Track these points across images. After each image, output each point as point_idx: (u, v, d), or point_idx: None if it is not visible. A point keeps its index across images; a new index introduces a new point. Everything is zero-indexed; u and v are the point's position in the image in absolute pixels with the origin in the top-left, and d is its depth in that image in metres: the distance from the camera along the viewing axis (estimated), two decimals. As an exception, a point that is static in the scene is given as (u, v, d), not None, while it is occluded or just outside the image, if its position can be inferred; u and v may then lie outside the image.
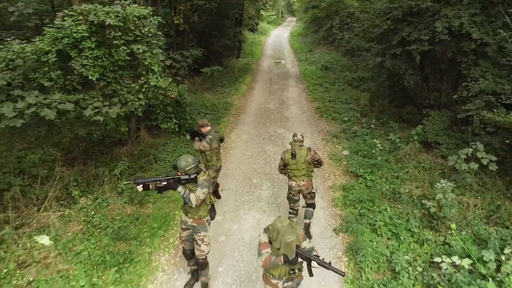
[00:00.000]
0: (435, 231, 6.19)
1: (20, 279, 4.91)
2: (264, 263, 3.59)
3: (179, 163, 4.40)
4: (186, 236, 4.90)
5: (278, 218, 3.59)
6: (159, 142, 9.42)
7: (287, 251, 3.47)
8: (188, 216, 4.71)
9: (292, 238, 3.43)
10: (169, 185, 4.38)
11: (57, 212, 6.26)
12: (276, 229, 3.48)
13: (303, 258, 3.57)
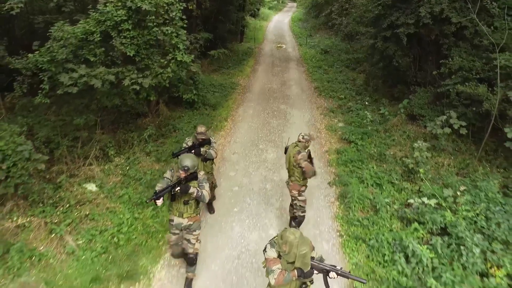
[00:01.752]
0: (412, 183, 7.49)
1: (79, 212, 6.21)
2: (277, 280, 3.30)
3: (189, 163, 4.37)
4: (175, 240, 4.82)
5: (286, 230, 3.38)
6: (176, 115, 10.66)
7: (302, 264, 3.27)
8: (183, 217, 4.62)
9: (306, 249, 3.25)
10: (182, 189, 4.35)
11: (99, 167, 7.54)
12: (288, 242, 3.25)
13: (319, 270, 3.41)
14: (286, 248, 3.28)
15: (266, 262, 3.45)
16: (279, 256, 3.39)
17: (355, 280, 3.43)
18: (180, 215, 4.61)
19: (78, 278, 5.02)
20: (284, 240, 3.29)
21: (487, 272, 4.92)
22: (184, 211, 4.59)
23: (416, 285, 4.84)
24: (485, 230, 5.47)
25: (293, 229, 3.37)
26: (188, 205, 4.58)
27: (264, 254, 3.49)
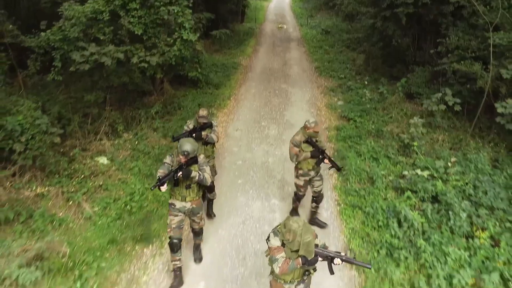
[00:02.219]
0: (407, 157, 7.86)
1: (93, 183, 6.61)
2: (282, 269, 3.33)
3: (189, 148, 4.34)
4: (177, 223, 4.72)
5: (289, 218, 3.40)
6: (180, 94, 10.97)
7: (307, 252, 3.31)
8: (186, 201, 4.66)
9: (310, 237, 3.28)
10: (184, 173, 4.35)
11: (109, 141, 7.91)
12: (292, 230, 3.25)
13: (324, 257, 3.46)
14: (289, 236, 3.27)
15: (270, 251, 3.45)
16: (283, 245, 3.39)
17: (360, 265, 3.49)
18: (183, 199, 4.64)
19: (96, 240, 5.45)
20: (287, 229, 3.28)
21: (472, 234, 5.35)
22: (186, 195, 4.61)
23: (407, 246, 5.27)
24: (472, 198, 5.88)
25: (296, 218, 3.39)
26: (190, 189, 4.60)
27: (268, 243, 3.49)
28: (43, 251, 4.79)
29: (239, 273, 5.11)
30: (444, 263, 4.92)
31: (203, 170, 4.53)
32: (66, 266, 4.85)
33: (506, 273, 4.66)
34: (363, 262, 3.53)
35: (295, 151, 5.45)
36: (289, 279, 3.54)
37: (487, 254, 4.95)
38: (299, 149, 5.43)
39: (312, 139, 5.39)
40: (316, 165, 5.55)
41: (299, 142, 5.40)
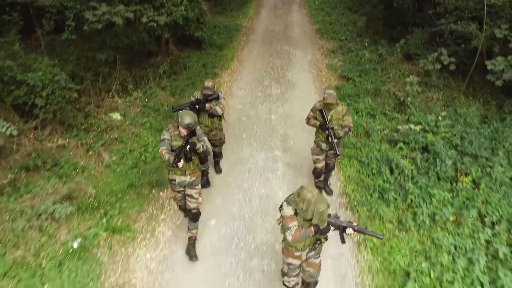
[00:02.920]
0: (402, 113, 8.33)
1: (109, 136, 7.13)
2: (294, 237, 3.44)
3: (191, 120, 4.35)
4: (181, 196, 4.93)
5: (303, 188, 3.43)
6: (185, 55, 11.26)
7: (320, 221, 3.40)
8: (186, 175, 4.67)
9: (324, 207, 3.36)
10: (192, 146, 4.41)
11: (120, 99, 8.36)
12: (306, 199, 3.32)
13: (336, 226, 3.56)
14: (303, 205, 3.35)
15: (283, 220, 3.56)
16: (296, 214, 3.48)
17: (372, 235, 3.58)
18: (183, 173, 4.63)
19: (116, 184, 6.03)
20: (301, 198, 3.35)
21: (456, 179, 5.92)
22: (186, 168, 4.58)
23: (397, 189, 5.86)
24: (459, 147, 6.42)
25: (310, 187, 3.44)
26: (191, 161, 4.61)
27: (280, 212, 3.61)
28: (72, 191, 5.39)
29: (246, 212, 5.73)
30: (429, 203, 5.51)
31: (202, 141, 4.57)
32: (93, 205, 5.46)
33: (483, 210, 5.26)
34: (375, 232, 3.63)
35: (310, 114, 5.52)
36: (300, 247, 3.68)
37: (468, 195, 5.55)
38: (314, 115, 5.45)
39: (324, 110, 5.24)
40: (326, 139, 5.41)
41: (316, 108, 5.40)
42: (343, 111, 5.31)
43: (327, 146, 5.52)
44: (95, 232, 5.07)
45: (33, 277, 4.44)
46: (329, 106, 5.23)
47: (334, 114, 5.29)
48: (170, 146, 4.46)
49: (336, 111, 5.29)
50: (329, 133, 5.24)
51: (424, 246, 5.03)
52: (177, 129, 4.47)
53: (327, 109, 5.26)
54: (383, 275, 4.76)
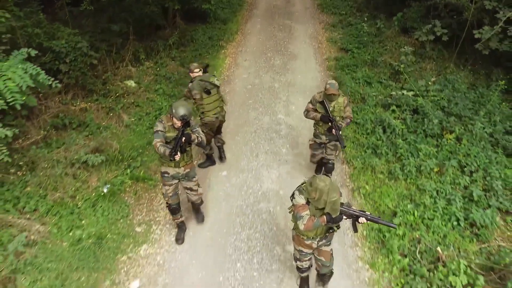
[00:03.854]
0: (397, 82, 8.93)
1: (126, 100, 7.76)
2: (307, 226, 3.44)
3: (186, 112, 4.20)
4: (173, 190, 4.70)
5: (316, 177, 3.39)
6: (191, 28, 11.76)
7: (332, 210, 3.36)
8: (179, 167, 4.53)
9: (336, 196, 3.32)
10: (187, 137, 4.30)
11: (134, 68, 8.95)
12: (318, 188, 3.29)
13: (349, 215, 3.50)
14: (315, 195, 3.32)
15: (295, 208, 3.56)
16: (308, 203, 3.48)
17: (385, 225, 3.52)
18: (177, 165, 4.49)
19: (137, 142, 6.71)
20: (314, 187, 3.32)
21: (442, 136, 6.58)
22: (181, 160, 4.45)
23: (388, 145, 6.54)
24: (446, 109, 7.07)
25: (323, 176, 3.38)
26: (185, 152, 4.49)
27: (292, 201, 3.62)
28: (100, 145, 6.08)
29: (253, 165, 6.43)
30: (416, 156, 6.21)
31: (196, 131, 4.47)
32: (118, 158, 6.15)
33: (463, 161, 5.95)
34: (388, 222, 3.57)
35: (308, 106, 5.34)
36: (311, 235, 3.69)
37: (451, 149, 6.23)
38: (313, 108, 5.29)
39: (326, 101, 5.09)
40: (329, 132, 5.28)
41: (316, 100, 5.21)
42: (345, 102, 5.18)
43: (327, 138, 5.39)
44: (121, 180, 5.77)
45: (72, 214, 5.17)
46: (331, 97, 5.06)
47: (336, 105, 5.14)
48: (164, 138, 4.30)
49: (338, 102, 5.14)
50: (333, 125, 5.09)
51: (410, 191, 5.74)
52: (171, 120, 4.30)
53: (329, 100, 5.10)
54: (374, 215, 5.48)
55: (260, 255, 4.89)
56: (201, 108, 5.67)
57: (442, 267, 4.45)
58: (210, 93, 5.61)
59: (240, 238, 5.12)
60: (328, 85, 5.02)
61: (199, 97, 5.58)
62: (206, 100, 5.62)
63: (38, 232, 4.79)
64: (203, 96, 5.58)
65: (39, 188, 5.37)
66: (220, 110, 5.84)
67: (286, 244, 5.03)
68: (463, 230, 5.09)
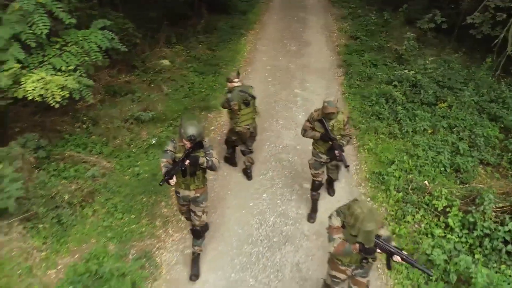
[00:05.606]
0: (401, 64, 10.02)
1: (163, 75, 8.98)
2: (336, 249, 3.32)
3: (195, 131, 3.86)
4: (186, 210, 4.59)
5: (355, 201, 3.23)
6: (214, 18, 12.97)
7: (365, 240, 3.18)
8: (190, 189, 4.27)
9: (372, 227, 3.10)
10: (192, 160, 3.96)
11: (167, 49, 10.19)
12: (354, 214, 3.13)
13: (384, 250, 3.26)
14: (351, 220, 3.17)
15: (329, 229, 3.43)
16: (344, 226, 3.34)
17: (421, 270, 3.22)
18: (187, 187, 4.25)
19: (175, 107, 7.91)
20: (350, 212, 3.18)
21: (436, 104, 7.69)
22: (190, 182, 4.21)
23: (389, 112, 7.66)
24: (440, 83, 8.17)
25: (362, 202, 3.22)
26: (195, 176, 4.19)
27: (329, 221, 3.48)
28: (147, 106, 7.31)
29: (274, 127, 7.62)
30: (413, 119, 7.33)
31: (209, 154, 4.10)
32: (162, 117, 7.37)
33: (452, 123, 7.06)
34: (424, 267, 3.31)
35: (306, 125, 5.04)
36: (346, 262, 3.53)
37: (443, 114, 7.34)
38: (311, 126, 4.97)
39: (325, 120, 4.76)
40: (329, 151, 4.96)
41: (314, 119, 4.89)
42: (344, 120, 4.87)
43: (328, 157, 5.07)
44: (166, 134, 6.99)
45: (129, 157, 6.40)
46: (330, 115, 4.71)
47: (335, 123, 4.81)
48: (172, 158, 4.05)
49: (337, 120, 4.82)
50: (334, 144, 4.80)
51: (406, 147, 6.86)
52: (182, 140, 4.02)
53: (328, 119, 4.77)
54: (375, 164, 6.62)
55: (281, 190, 6.06)
56: (236, 118, 5.57)
57: (429, 196, 5.57)
58: (249, 105, 5.59)
59: (265, 178, 6.31)
60: (325, 103, 4.65)
61: (237, 108, 5.47)
62: (243, 111, 5.52)
63: (105, 168, 6.01)
64: (241, 107, 5.51)
65: (102, 137, 6.62)
66: (252, 122, 5.76)
67: (303, 183, 6.18)
68: (449, 175, 6.20)
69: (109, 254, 4.71)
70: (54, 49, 5.25)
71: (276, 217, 5.57)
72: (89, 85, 5.41)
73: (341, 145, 4.87)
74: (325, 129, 4.80)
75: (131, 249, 4.94)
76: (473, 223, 4.91)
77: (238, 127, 5.66)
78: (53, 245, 4.78)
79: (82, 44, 5.35)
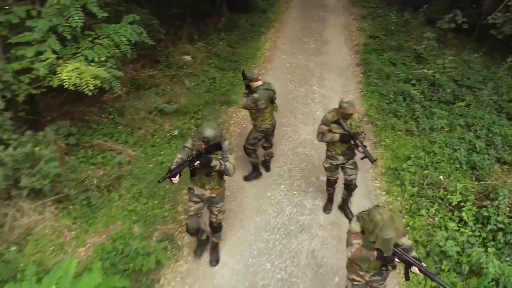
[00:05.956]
0: (419, 64, 10.07)
1: (185, 70, 9.27)
2: (353, 254, 3.30)
3: (209, 134, 3.83)
4: (195, 211, 4.43)
5: (376, 208, 3.18)
6: (234, 16, 13.22)
7: (383, 248, 3.12)
8: (205, 189, 4.24)
9: (391, 235, 3.05)
10: (202, 162, 3.88)
11: (189, 46, 10.49)
12: (374, 221, 3.09)
13: (402, 259, 3.18)
14: (370, 226, 3.15)
15: (348, 234, 3.40)
16: (363, 232, 3.30)
17: (440, 284, 3.10)
18: (202, 186, 4.23)
19: (197, 101, 8.18)
20: (370, 218, 3.14)
21: (454, 103, 7.74)
22: (206, 182, 4.18)
23: (407, 109, 7.75)
24: (459, 82, 8.22)
25: (383, 209, 3.15)
26: (211, 176, 4.15)
27: (348, 226, 3.46)
28: (171, 99, 7.60)
29: (292, 122, 7.81)
30: (431, 117, 7.40)
31: (225, 158, 4.04)
32: (184, 110, 7.65)
33: (469, 121, 7.11)
34: (444, 282, 3.14)
35: (322, 129, 4.96)
36: (364, 267, 3.48)
37: (461, 112, 7.40)
38: (328, 128, 4.91)
39: (343, 120, 4.78)
40: (348, 151, 4.99)
41: (329, 121, 4.85)
42: (359, 118, 4.93)
43: (345, 158, 5.06)
44: (188, 126, 7.27)
45: (153, 147, 6.70)
46: (347, 116, 4.77)
47: (352, 122, 4.85)
48: (188, 156, 4.05)
49: (353, 118, 4.85)
50: (356, 143, 4.78)
51: (423, 144, 6.95)
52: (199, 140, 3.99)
53: (346, 119, 4.81)
54: (391, 160, 6.74)
55: (298, 181, 6.25)
56: (262, 116, 5.57)
57: (443, 191, 5.67)
58: (274, 102, 5.67)
59: (283, 170, 6.51)
60: (345, 105, 4.68)
61: (264, 107, 5.47)
62: (268, 109, 5.57)
63: (131, 156, 6.31)
64: (268, 105, 5.52)
65: (127, 127, 6.93)
66: (273, 117, 5.83)
67: (319, 176, 6.35)
68: (464, 171, 6.27)
69: (134, 236, 4.99)
70: (86, 41, 5.57)
71: (293, 207, 5.76)
72: (118, 76, 5.70)
73: (361, 141, 4.85)
74: (344, 129, 4.77)
75: (155, 232, 5.22)
76: (487, 217, 4.99)
77: (264, 125, 5.67)
78: (82, 225, 5.09)
79: (112, 37, 5.65)
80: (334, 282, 4.69)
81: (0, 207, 4.82)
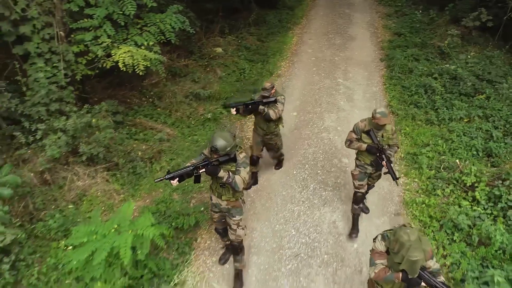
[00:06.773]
0: (442, 60, 10.36)
1: (216, 61, 9.89)
2: (377, 275, 3.16)
3: (218, 144, 3.74)
4: (218, 218, 4.44)
5: (402, 229, 3.04)
6: (263, 12, 13.77)
7: (409, 270, 2.97)
8: (222, 199, 4.19)
9: (418, 257, 2.90)
10: (208, 171, 3.80)
11: (221, 39, 11.11)
12: (399, 241, 2.96)
13: (428, 284, 3.03)
14: (396, 247, 3.00)
15: (372, 253, 3.30)
16: (388, 252, 3.17)
17: None
18: (219, 196, 4.18)
19: (228, 89, 8.78)
20: (396, 238, 3.01)
21: (474, 95, 8.06)
22: (222, 193, 4.14)
23: (428, 101, 8.12)
24: (480, 76, 8.50)
25: (410, 230, 3.00)
26: (225, 188, 4.09)
27: (373, 244, 3.33)
28: (205, 85, 8.22)
29: (317, 110, 8.30)
30: (450, 108, 7.75)
31: (238, 171, 3.93)
32: (216, 97, 8.26)
33: (488, 112, 7.43)
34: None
35: (351, 136, 4.85)
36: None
37: (480, 104, 7.71)
38: (357, 137, 4.80)
39: (373, 131, 4.63)
40: (374, 163, 4.82)
41: (360, 130, 4.74)
42: (392, 130, 4.73)
43: (373, 169, 4.94)
44: (220, 111, 7.88)
45: (188, 128, 7.34)
46: (379, 127, 4.59)
47: (384, 133, 4.68)
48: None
49: (386, 130, 4.67)
50: (382, 157, 4.63)
51: (442, 132, 7.32)
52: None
53: (378, 130, 4.65)
54: (410, 146, 7.15)
55: (322, 162, 6.76)
56: (281, 119, 5.76)
57: (459, 173, 6.06)
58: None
59: (307, 152, 7.02)
60: (378, 114, 4.47)
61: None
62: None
63: (169, 134, 6.97)
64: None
65: (165, 110, 7.61)
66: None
67: (342, 158, 6.84)
68: (480, 158, 6.62)
69: (174, 201, 5.62)
70: (135, 28, 6.23)
71: (316, 184, 6.28)
72: (162, 60, 6.34)
73: (389, 156, 4.68)
74: (374, 140, 4.65)
75: (192, 199, 5.83)
76: (498, 196, 5.37)
77: (281, 126, 5.85)
78: (129, 190, 5.76)
79: (158, 25, 6.30)
80: (353, 248, 5.19)
81: (61, 171, 5.53)
